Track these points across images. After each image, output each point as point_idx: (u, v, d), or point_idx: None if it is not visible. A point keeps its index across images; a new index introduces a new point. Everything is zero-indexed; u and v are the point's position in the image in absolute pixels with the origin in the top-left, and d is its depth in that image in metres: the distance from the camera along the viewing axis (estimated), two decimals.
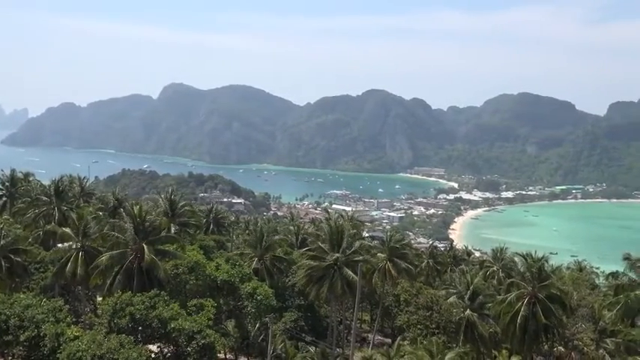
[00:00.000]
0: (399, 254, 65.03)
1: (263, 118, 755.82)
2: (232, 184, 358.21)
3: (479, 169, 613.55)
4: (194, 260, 50.72)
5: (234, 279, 52.44)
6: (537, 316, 48.00)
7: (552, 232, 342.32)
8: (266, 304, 51.57)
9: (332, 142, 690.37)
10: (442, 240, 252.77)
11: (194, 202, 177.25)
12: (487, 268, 77.64)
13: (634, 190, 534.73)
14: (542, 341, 53.54)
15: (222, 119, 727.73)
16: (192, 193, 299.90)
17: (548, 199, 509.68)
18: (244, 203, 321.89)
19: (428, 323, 56.99)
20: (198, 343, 36.47)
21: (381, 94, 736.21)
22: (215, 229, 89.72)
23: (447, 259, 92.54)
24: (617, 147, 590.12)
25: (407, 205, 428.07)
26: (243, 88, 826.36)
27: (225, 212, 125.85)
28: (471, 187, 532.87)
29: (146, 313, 36.78)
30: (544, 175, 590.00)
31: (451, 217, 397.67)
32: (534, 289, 49.53)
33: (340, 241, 55.90)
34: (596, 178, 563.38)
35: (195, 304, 42.21)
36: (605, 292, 63.69)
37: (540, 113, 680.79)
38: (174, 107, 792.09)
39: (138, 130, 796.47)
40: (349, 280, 53.76)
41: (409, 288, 65.60)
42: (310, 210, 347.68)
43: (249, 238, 67.53)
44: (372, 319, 79.25)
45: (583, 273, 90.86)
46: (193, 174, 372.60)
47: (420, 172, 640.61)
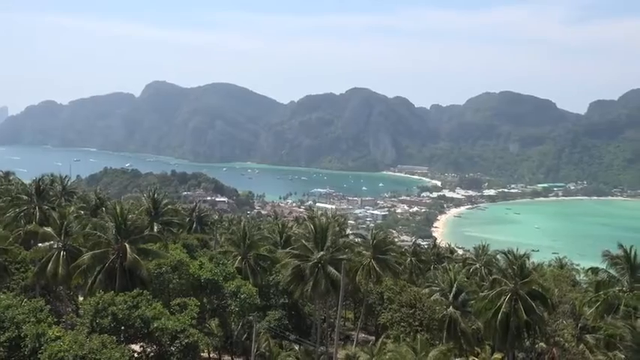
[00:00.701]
0: (383, 252, 65.21)
1: (246, 117, 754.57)
2: (216, 182, 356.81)
3: (462, 167, 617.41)
4: (177, 259, 50.45)
5: (218, 278, 52.25)
6: (519, 312, 48.41)
7: (534, 230, 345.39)
8: (250, 302, 51.45)
9: (316, 141, 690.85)
10: (425, 238, 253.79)
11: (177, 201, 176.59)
12: (470, 266, 78.34)
13: (613, 188, 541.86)
14: (524, 338, 54.02)
15: (205, 117, 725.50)
16: (176, 192, 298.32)
17: (530, 196, 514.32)
18: (228, 202, 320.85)
19: (411, 321, 57.27)
20: (181, 343, 36.28)
21: (364, 92, 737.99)
22: (198, 227, 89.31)
23: (430, 256, 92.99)
24: (597, 145, 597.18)
25: (390, 203, 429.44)
26: (227, 86, 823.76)
27: (209, 211, 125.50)
28: (454, 185, 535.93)
29: (129, 312, 36.51)
30: (526, 173, 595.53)
31: (434, 215, 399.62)
32: (516, 286, 49.94)
33: (324, 240, 55.97)
34: (577, 176, 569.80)
35: (178, 303, 41.97)
36: (586, 289, 64.39)
37: (522, 112, 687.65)
38: (156, 105, 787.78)
39: (120, 129, 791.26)
40: (333, 278, 53.84)
41: (393, 286, 65.83)
42: (294, 208, 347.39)
43: (232, 237, 67.29)
44: (355, 317, 79.46)
45: (564, 270, 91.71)
46: (176, 172, 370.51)
47: (404, 170, 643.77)
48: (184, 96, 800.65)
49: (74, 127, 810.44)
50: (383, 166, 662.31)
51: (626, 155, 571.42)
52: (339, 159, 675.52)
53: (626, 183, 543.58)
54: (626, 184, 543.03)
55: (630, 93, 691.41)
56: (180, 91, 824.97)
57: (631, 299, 44.85)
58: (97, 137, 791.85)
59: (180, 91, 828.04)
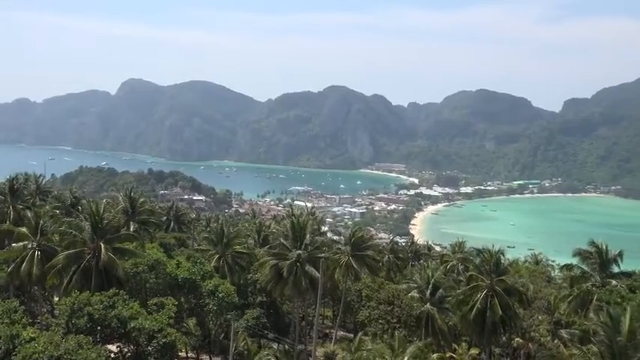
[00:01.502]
0: (361, 250, 65.47)
1: (224, 115, 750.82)
2: (193, 181, 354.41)
3: (438, 165, 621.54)
4: (154, 258, 50.17)
5: (196, 277, 52.05)
6: (495, 308, 48.99)
7: (510, 227, 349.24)
8: (228, 301, 51.33)
9: (293, 139, 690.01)
10: (403, 235, 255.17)
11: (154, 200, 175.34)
12: (447, 263, 78.95)
13: (587, 185, 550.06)
14: (500, 333, 54.69)
15: (182, 115, 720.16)
16: (153, 191, 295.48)
17: (505, 193, 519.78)
18: (205, 200, 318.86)
19: (389, 318, 57.65)
20: (159, 342, 36.13)
21: (342, 90, 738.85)
22: (176, 226, 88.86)
23: (407, 254, 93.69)
24: (571, 142, 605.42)
25: (368, 201, 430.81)
26: (204, 84, 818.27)
27: (186, 209, 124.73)
28: (431, 183, 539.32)
29: (105, 312, 36.27)
30: (502, 171, 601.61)
31: (412, 212, 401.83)
32: (492, 282, 50.54)
33: (303, 238, 56.06)
34: (551, 173, 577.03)
35: (155, 303, 41.76)
36: (560, 285, 65.41)
37: (498, 110, 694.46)
38: (132, 103, 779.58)
39: (95, 127, 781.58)
40: (312, 276, 53.95)
41: (371, 283, 66.16)
42: (272, 207, 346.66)
43: (210, 236, 67.05)
44: (334, 314, 79.67)
45: (539, 266, 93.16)
46: (153, 171, 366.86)
47: (381, 168, 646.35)
48: (161, 94, 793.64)
49: (48, 125, 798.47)
50: (361, 164, 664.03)
51: (599, 152, 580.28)
52: (317, 157, 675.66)
53: (599, 180, 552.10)
54: (599, 180, 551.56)
55: (603, 91, 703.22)
56: (156, 89, 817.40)
57: (603, 294, 45.65)
58: (72, 135, 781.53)
59: (157, 88, 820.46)
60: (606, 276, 50.18)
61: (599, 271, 50.56)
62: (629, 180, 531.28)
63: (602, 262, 50.44)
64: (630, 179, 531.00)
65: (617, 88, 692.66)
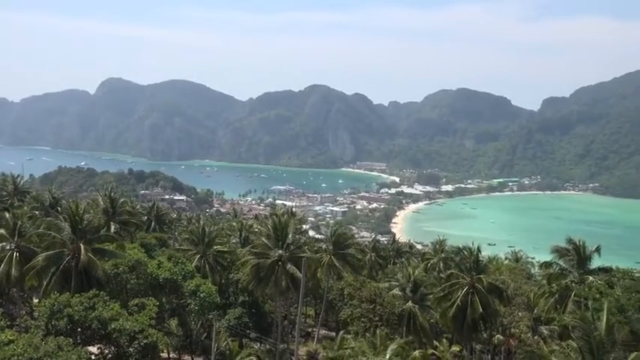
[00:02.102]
0: (343, 248, 65.64)
1: (205, 114, 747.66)
2: (174, 180, 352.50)
3: (419, 163, 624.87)
4: (135, 259, 49.84)
5: (177, 277, 51.79)
6: (475, 305, 49.42)
7: (490, 224, 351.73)
8: (209, 301, 51.16)
9: (275, 138, 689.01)
10: (385, 234, 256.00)
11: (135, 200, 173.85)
12: (428, 261, 79.53)
13: (565, 182, 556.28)
14: (480, 330, 55.19)
15: (162, 115, 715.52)
16: (133, 191, 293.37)
17: (486, 191, 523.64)
18: (186, 200, 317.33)
19: (371, 316, 57.85)
20: (140, 343, 35.88)
21: (323, 89, 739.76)
22: (157, 226, 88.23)
23: (389, 252, 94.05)
24: (550, 141, 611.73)
25: (350, 200, 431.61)
26: (184, 83, 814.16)
27: (167, 209, 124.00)
28: (412, 181, 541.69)
29: (85, 314, 35.94)
30: (482, 169, 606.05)
31: (393, 210, 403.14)
32: (472, 279, 50.97)
33: (284, 237, 56.03)
34: (530, 171, 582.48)
35: (136, 304, 41.49)
36: (540, 282, 66.08)
37: (478, 108, 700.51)
38: (112, 102, 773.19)
39: (74, 127, 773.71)
40: (293, 275, 53.93)
41: (353, 282, 66.34)
42: (254, 206, 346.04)
43: (191, 236, 66.75)
44: (316, 313, 79.82)
45: (519, 263, 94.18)
46: (133, 171, 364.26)
47: (363, 166, 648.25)
48: (141, 93, 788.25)
49: (26, 125, 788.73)
50: (342, 163, 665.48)
51: (577, 150, 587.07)
52: (298, 156, 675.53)
53: (578, 177, 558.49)
54: (577, 178, 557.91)
55: (581, 90, 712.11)
56: (136, 88, 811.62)
57: (582, 290, 46.23)
58: (50, 135, 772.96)
59: (137, 87, 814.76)
60: (584, 272, 50.80)
61: (578, 267, 51.17)
62: (606, 178, 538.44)
63: (580, 258, 51.07)
64: (608, 177, 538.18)
65: (595, 87, 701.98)
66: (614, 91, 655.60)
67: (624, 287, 44.03)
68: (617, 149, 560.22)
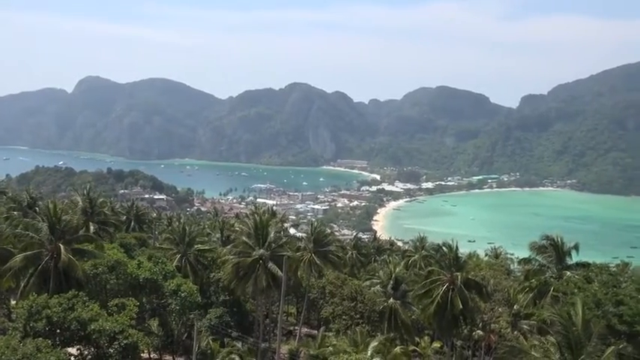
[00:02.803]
0: (323, 246, 65.73)
1: (184, 112, 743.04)
2: (154, 179, 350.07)
3: (400, 161, 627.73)
4: (114, 259, 49.41)
5: (157, 276, 51.41)
6: (455, 302, 49.80)
7: (470, 221, 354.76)
8: (190, 300, 50.87)
9: (255, 136, 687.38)
10: (366, 231, 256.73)
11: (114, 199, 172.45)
12: (409, 258, 79.90)
13: (544, 179, 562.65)
14: (460, 326, 55.64)
15: (141, 113, 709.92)
16: (112, 190, 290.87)
17: (466, 188, 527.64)
18: (167, 199, 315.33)
19: (352, 313, 58.06)
20: (120, 344, 35.61)
21: (303, 87, 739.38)
22: (136, 226, 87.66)
23: (370, 249, 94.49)
24: (528, 138, 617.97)
25: (331, 198, 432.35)
26: (163, 81, 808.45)
27: (147, 209, 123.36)
28: (393, 179, 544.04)
29: (64, 315, 35.57)
30: (462, 166, 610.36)
31: (374, 208, 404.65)
32: (452, 276, 51.36)
33: (265, 236, 55.95)
34: (510, 168, 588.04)
35: (116, 304, 41.12)
36: (519, 277, 66.80)
37: (457, 106, 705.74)
38: (90, 101, 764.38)
39: (52, 126, 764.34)
40: (275, 274, 53.88)
41: (334, 280, 66.49)
42: (235, 205, 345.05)
43: (171, 235, 66.37)
44: (298, 311, 79.78)
45: (499, 259, 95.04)
46: (112, 170, 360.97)
47: (343, 164, 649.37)
48: (119, 91, 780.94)
49: (2, 124, 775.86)
50: (323, 161, 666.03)
51: (555, 147, 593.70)
52: (279, 154, 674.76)
53: (556, 174, 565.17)
54: (555, 175, 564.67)
55: (558, 87, 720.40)
56: (115, 87, 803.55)
57: (560, 285, 46.83)
58: (27, 135, 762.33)
59: (115, 86, 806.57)
60: (563, 268, 51.48)
61: (556, 263, 51.83)
62: (583, 174, 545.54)
63: (558, 254, 51.75)
64: (585, 173, 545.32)
65: (572, 85, 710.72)
66: (591, 89, 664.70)
67: (601, 282, 44.68)
68: (594, 146, 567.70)
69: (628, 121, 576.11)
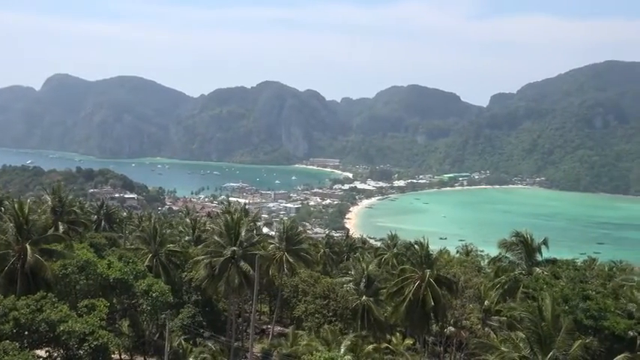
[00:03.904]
0: (295, 244, 65.74)
1: (155, 111, 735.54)
2: (124, 178, 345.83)
3: (372, 159, 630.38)
4: (84, 259, 48.72)
5: (128, 276, 50.86)
6: (427, 299, 50.27)
7: (441, 218, 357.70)
8: (162, 300, 50.44)
9: (227, 134, 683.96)
10: (338, 229, 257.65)
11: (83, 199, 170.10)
12: (381, 255, 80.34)
13: (513, 177, 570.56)
14: (432, 323, 56.17)
15: (111, 112, 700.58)
16: (82, 189, 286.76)
17: (437, 186, 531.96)
18: (137, 198, 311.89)
19: (325, 312, 58.17)
20: (90, 345, 35.19)
21: (275, 85, 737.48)
22: (107, 225, 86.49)
23: (343, 247, 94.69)
24: (498, 136, 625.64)
25: (303, 196, 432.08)
26: (133, 79, 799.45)
27: (117, 208, 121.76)
28: (365, 177, 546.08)
29: (32, 317, 35.01)
30: (433, 164, 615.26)
31: (346, 206, 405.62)
32: (423, 273, 51.80)
33: (237, 235, 55.74)
34: (480, 166, 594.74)
35: (86, 305, 40.58)
36: (489, 274, 67.66)
37: (428, 104, 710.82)
38: (59, 99, 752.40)
39: (19, 124, 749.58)
40: (247, 273, 53.72)
41: (307, 278, 66.53)
42: (207, 204, 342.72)
43: (142, 234, 65.67)
44: (271, 310, 79.63)
45: (470, 256, 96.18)
46: (82, 169, 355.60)
47: (316, 162, 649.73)
48: (89, 89, 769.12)
49: None
50: (295, 159, 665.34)
51: (524, 146, 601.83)
52: (251, 153, 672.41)
53: (525, 172, 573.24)
54: (524, 172, 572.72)
55: (527, 86, 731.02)
56: (84, 85, 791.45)
57: (530, 282, 47.55)
58: None
59: (85, 84, 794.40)
60: (532, 264, 52.25)
61: (526, 259, 52.59)
62: (552, 171, 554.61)
63: (528, 250, 52.51)
64: (553, 171, 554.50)
65: (541, 84, 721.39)
66: (560, 88, 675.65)
67: (569, 278, 45.50)
68: (562, 144, 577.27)
69: (595, 120, 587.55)
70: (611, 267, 64.43)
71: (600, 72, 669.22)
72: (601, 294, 39.28)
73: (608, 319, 35.87)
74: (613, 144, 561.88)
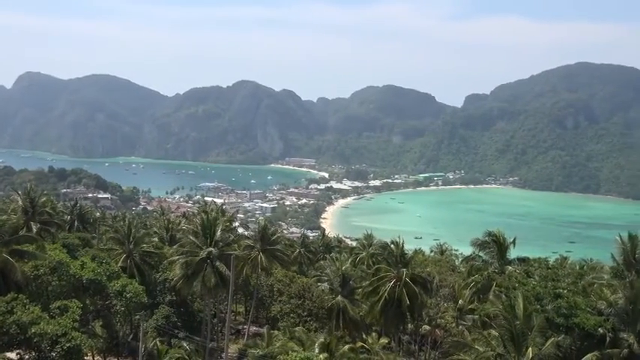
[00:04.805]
0: (271, 244, 65.66)
1: (129, 110, 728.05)
2: (98, 178, 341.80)
3: (348, 159, 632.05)
4: (56, 260, 48.03)
5: (101, 277, 50.24)
6: (402, 298, 50.60)
7: (417, 218, 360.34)
8: (136, 301, 49.95)
9: (203, 134, 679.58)
10: (314, 229, 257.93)
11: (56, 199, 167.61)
12: (356, 255, 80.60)
13: (487, 176, 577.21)
14: (407, 322, 56.55)
15: (84, 110, 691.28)
16: (54, 189, 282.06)
17: (412, 186, 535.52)
18: (111, 198, 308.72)
19: (300, 311, 58.23)
20: (62, 347, 34.73)
21: (251, 85, 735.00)
22: (80, 226, 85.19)
23: (319, 247, 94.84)
24: (472, 136, 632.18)
25: (279, 196, 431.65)
26: (107, 77, 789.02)
27: (91, 208, 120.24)
28: (341, 177, 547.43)
29: (2, 318, 34.48)
30: (408, 164, 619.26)
31: (322, 206, 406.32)
32: (398, 272, 52.13)
33: (213, 235, 55.47)
34: (455, 166, 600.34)
35: (58, 306, 40.03)
36: (463, 273, 68.34)
37: (404, 104, 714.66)
38: (31, 97, 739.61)
39: None
40: (222, 273, 53.49)
41: (282, 277, 66.50)
42: (182, 203, 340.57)
43: (116, 235, 64.97)
44: (246, 310, 79.41)
45: (444, 256, 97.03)
46: (54, 169, 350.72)
47: (292, 162, 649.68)
48: (62, 88, 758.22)
49: None
50: (271, 159, 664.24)
51: (497, 146, 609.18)
52: (226, 152, 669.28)
53: (499, 172, 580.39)
54: (498, 172, 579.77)
55: (501, 87, 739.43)
56: (56, 83, 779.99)
57: (503, 280, 48.13)
58: None
59: (57, 82, 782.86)
60: (504, 263, 52.91)
61: (498, 258, 53.22)
62: (525, 171, 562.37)
63: (500, 249, 53.16)
64: (526, 171, 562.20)
65: (514, 85, 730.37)
66: (532, 89, 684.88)
67: (541, 276, 46.15)
68: (534, 144, 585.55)
69: (567, 120, 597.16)
70: (582, 265, 65.56)
71: (572, 73, 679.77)
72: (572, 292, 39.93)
73: (578, 316, 36.49)
74: (584, 144, 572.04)
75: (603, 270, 56.11)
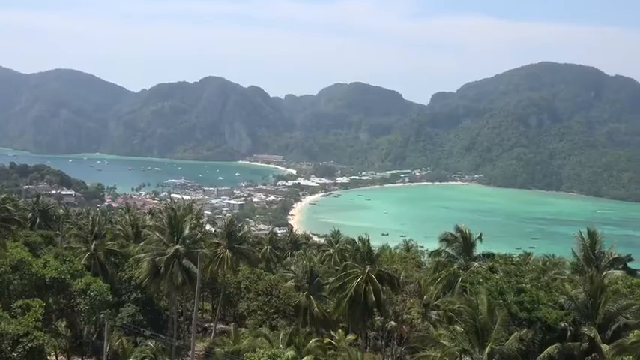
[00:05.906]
0: (238, 241, 65.45)
1: (94, 105, 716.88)
2: (61, 175, 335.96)
3: (315, 156, 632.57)
4: (18, 258, 47.12)
5: (65, 275, 49.43)
6: (369, 294, 50.98)
7: (383, 215, 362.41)
8: (101, 299, 49.29)
9: (169, 130, 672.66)
10: (282, 226, 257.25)
11: (17, 196, 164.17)
12: (324, 252, 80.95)
13: (453, 174, 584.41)
14: (374, 317, 56.98)
15: (47, 106, 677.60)
16: (16, 186, 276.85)
17: (379, 183, 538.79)
18: (75, 195, 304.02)
19: (267, 308, 58.19)
20: (24, 347, 34.12)
21: (219, 81, 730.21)
22: (42, 223, 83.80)
23: (286, 244, 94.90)
24: (439, 134, 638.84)
25: (247, 193, 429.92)
26: (71, 72, 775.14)
27: (54, 205, 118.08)
28: (309, 174, 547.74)
29: None
30: (375, 161, 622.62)
31: (290, 203, 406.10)
32: (365, 269, 52.49)
33: (180, 232, 55.04)
34: (421, 163, 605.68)
35: (20, 305, 39.30)
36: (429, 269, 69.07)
37: (371, 102, 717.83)
38: None
39: None
40: (189, 270, 53.13)
41: (250, 275, 66.37)
42: (148, 200, 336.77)
43: (80, 232, 63.97)
44: (213, 308, 79.04)
45: (410, 252, 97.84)
46: (16, 165, 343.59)
47: (260, 159, 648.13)
48: (23, 82, 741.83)
49: None
50: (239, 156, 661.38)
51: (463, 143, 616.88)
52: (193, 149, 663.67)
53: (464, 169, 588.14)
54: (464, 169, 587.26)
55: (466, 86, 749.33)
56: (18, 77, 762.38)
57: (467, 276, 48.82)
58: None
59: (19, 77, 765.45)
60: (470, 259, 53.66)
61: (464, 254, 53.97)
62: (490, 169, 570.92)
63: (466, 245, 53.91)
64: (491, 168, 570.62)
65: (479, 83, 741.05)
66: (497, 88, 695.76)
67: (505, 272, 46.97)
68: (499, 142, 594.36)
69: (530, 119, 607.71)
70: (544, 261, 66.78)
71: (535, 72, 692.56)
72: (535, 287, 40.74)
73: (540, 310, 37.29)
74: (547, 142, 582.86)
75: (565, 265, 57.37)
